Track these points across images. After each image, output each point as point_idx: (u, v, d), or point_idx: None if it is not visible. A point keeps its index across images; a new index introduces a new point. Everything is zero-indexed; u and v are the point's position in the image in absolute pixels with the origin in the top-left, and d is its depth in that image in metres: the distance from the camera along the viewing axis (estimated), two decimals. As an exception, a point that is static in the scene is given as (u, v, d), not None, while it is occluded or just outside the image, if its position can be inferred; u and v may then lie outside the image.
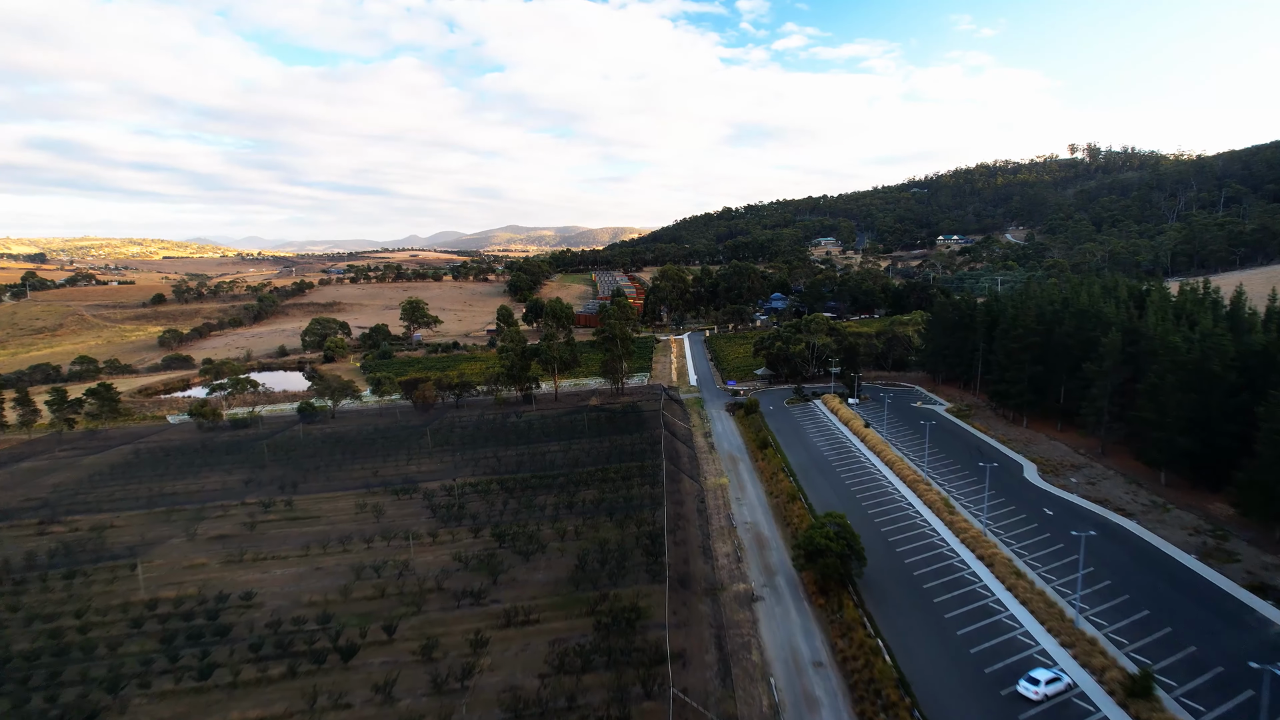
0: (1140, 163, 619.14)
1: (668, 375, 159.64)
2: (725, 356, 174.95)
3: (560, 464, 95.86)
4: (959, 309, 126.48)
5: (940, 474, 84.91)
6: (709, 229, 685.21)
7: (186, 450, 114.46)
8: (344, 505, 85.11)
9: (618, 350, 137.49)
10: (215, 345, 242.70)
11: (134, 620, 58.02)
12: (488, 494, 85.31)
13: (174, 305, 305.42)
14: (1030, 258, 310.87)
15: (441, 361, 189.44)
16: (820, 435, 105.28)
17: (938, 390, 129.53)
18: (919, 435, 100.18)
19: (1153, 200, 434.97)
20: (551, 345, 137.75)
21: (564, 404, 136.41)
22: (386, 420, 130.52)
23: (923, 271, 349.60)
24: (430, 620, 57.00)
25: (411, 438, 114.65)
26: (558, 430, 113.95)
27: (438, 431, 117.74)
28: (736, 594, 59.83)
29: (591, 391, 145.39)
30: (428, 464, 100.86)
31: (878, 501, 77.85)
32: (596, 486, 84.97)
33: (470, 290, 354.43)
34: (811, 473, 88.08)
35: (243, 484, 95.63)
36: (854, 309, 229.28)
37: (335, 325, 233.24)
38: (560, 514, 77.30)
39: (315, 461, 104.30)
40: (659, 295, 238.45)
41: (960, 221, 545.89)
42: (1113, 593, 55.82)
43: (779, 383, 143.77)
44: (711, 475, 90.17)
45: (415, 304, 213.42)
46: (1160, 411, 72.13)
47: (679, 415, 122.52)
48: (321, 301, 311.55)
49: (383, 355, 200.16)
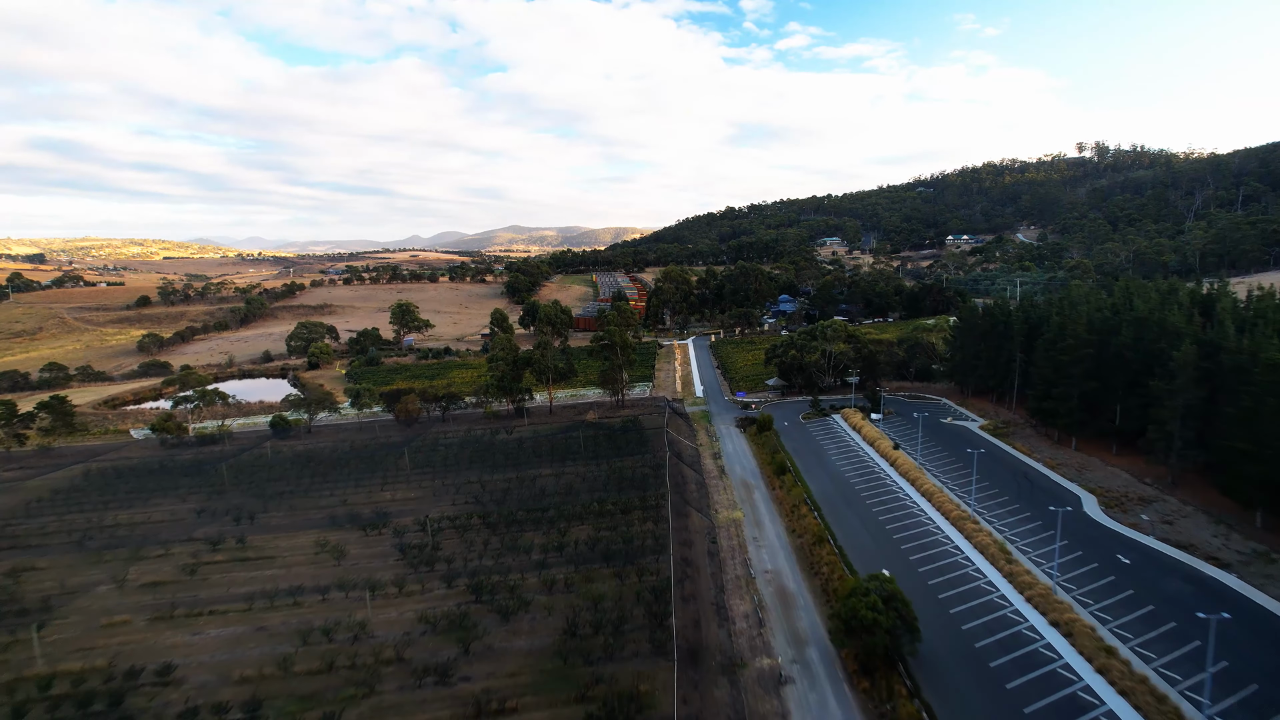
0: (1150, 161, 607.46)
1: (671, 385, 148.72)
2: (733, 364, 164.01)
3: (552, 492, 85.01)
4: (992, 315, 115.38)
5: (987, 508, 73.84)
6: (712, 229, 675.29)
7: (142, 471, 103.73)
8: (303, 543, 74.29)
9: (617, 359, 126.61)
10: (198, 350, 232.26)
11: (16, 708, 47.16)
12: (467, 530, 74.43)
13: (160, 308, 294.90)
14: (1046, 258, 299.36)
15: (431, 369, 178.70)
16: (844, 457, 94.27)
17: (968, 404, 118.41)
18: (954, 458, 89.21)
19: (1169, 199, 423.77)
20: (545, 354, 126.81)
21: (559, 418, 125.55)
22: (365, 436, 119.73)
23: (934, 272, 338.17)
24: (383, 707, 46.18)
25: (389, 457, 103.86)
26: (550, 450, 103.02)
27: (418, 451, 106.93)
28: (760, 673, 48.87)
29: (589, 404, 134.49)
30: (403, 491, 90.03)
31: (919, 544, 66.85)
32: (592, 522, 74.08)
33: (467, 292, 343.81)
34: (838, 505, 77.08)
35: (195, 514, 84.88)
36: (867, 312, 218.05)
37: (322, 329, 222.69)
38: (549, 558, 66.39)
39: (280, 486, 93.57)
40: (662, 298, 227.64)
41: (968, 221, 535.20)
42: (1235, 681, 44.67)
43: (792, 394, 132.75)
44: (723, 507, 79.23)
45: (405, 307, 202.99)
46: (1258, 441, 60.99)
47: (685, 432, 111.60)
48: (312, 304, 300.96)
49: (370, 361, 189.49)
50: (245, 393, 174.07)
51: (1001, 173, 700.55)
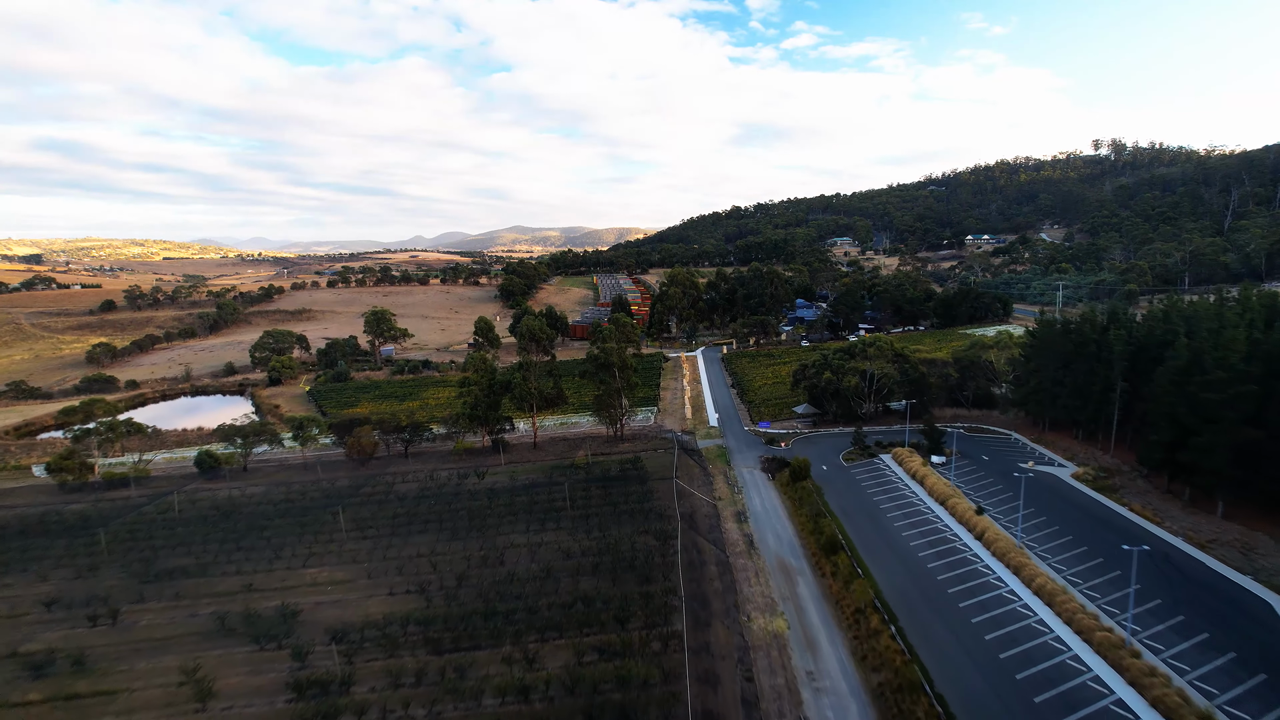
0: (1171, 158, 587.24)
1: (680, 409, 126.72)
2: (750, 382, 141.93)
3: (524, 576, 63.11)
4: (1080, 332, 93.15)
5: (1143, 624, 51.47)
6: (717, 229, 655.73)
7: (8, 532, 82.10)
8: (165, 666, 52.47)
9: (615, 383, 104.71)
10: (155, 361, 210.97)
11: None
12: (398, 649, 52.59)
13: (125, 313, 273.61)
14: (1083, 259, 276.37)
15: (405, 386, 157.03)
16: (910, 523, 72.05)
17: (1046, 441, 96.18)
18: (1054, 524, 67.09)
19: (1202, 196, 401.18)
20: (527, 377, 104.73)
21: (545, 453, 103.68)
22: (307, 478, 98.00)
23: (958, 274, 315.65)
24: None
25: (326, 512, 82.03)
26: (528, 506, 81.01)
27: (364, 504, 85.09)
28: None
29: (581, 436, 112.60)
30: (331, 569, 68.24)
31: (1064, 699, 44.58)
32: (572, 638, 52.15)
33: (458, 295, 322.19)
34: (922, 613, 54.79)
35: (43, 607, 63.19)
36: (896, 320, 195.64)
37: (292, 338, 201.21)
38: (508, 704, 44.60)
39: (172, 559, 71.96)
40: (667, 304, 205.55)
41: (985, 220, 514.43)
42: None
43: (826, 424, 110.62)
44: (758, 610, 57.17)
45: (380, 314, 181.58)
46: None
47: (698, 478, 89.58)
48: (290, 309, 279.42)
49: (338, 377, 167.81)
50: (193, 411, 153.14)
51: (1016, 171, 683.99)
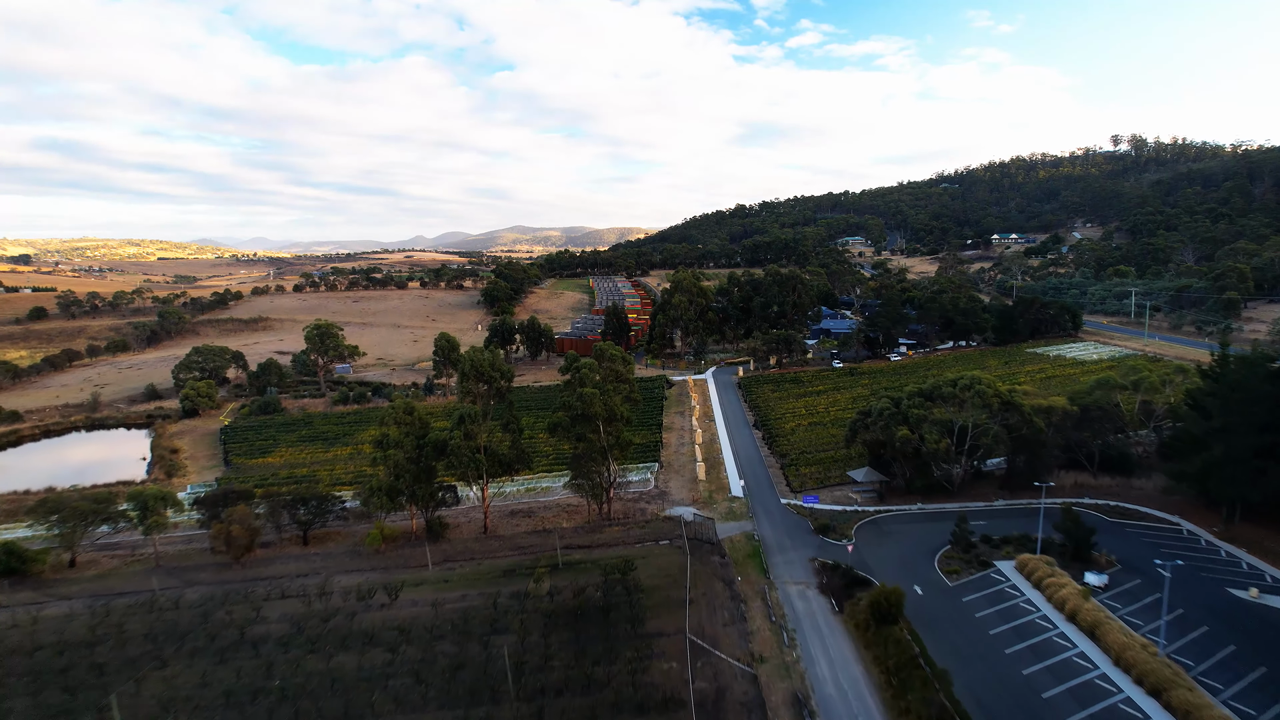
0: (1196, 154, 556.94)
1: (688, 463, 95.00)
2: (779, 421, 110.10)
3: None
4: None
5: None
6: (721, 228, 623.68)
7: None
8: None
9: (598, 442, 72.90)
10: (68, 381, 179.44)
11: None
12: None
13: (56, 322, 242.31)
14: (1147, 262, 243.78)
15: (343, 422, 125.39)
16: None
17: (1240, 539, 64.42)
18: None
19: (1252, 192, 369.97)
20: (472, 435, 72.39)
21: (499, 544, 72.10)
22: (144, 590, 66.40)
23: (994, 278, 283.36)
24: None
25: (123, 675, 50.47)
26: (448, 674, 49.23)
27: (191, 661, 53.41)
28: None
29: (555, 509, 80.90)
30: None
31: None
32: None
33: (438, 301, 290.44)
34: None
35: None
36: (946, 334, 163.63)
37: (226, 356, 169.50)
38: None
39: None
40: (671, 314, 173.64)
41: (1006, 218, 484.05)
42: None
43: (895, 495, 78.87)
44: None
45: (324, 329, 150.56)
46: None
47: (723, 605, 57.75)
48: (244, 317, 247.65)
49: (265, 408, 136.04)
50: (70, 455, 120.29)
51: (1034, 167, 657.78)
